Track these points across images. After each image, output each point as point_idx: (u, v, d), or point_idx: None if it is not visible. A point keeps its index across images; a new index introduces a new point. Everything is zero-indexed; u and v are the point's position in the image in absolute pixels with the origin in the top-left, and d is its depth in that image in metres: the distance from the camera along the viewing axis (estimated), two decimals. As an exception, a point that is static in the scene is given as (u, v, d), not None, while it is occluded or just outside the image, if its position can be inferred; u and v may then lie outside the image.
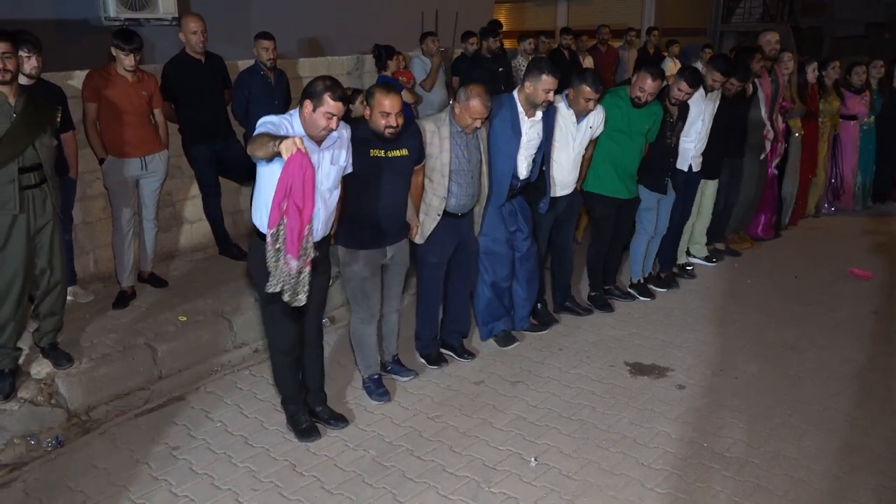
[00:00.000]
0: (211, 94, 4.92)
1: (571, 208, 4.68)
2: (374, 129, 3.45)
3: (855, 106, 7.09)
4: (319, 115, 3.06)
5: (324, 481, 3.21)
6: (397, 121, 3.41)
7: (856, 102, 7.08)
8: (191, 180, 5.30)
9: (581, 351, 4.45)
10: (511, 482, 3.20)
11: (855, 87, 7.05)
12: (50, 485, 3.18)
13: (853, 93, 7.05)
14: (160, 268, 4.99)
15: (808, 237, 6.81)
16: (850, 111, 7.06)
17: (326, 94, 3.03)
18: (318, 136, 3.13)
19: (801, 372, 4.20)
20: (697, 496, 3.12)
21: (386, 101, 3.38)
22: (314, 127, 3.09)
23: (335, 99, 3.05)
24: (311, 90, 3.07)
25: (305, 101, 3.07)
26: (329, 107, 3.04)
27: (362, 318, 3.78)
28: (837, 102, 6.94)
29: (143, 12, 4.76)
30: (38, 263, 3.57)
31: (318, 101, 3.04)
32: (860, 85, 7.07)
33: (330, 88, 3.04)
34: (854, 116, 7.14)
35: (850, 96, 7.05)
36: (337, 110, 3.07)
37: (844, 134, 7.14)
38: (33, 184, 3.42)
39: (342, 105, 3.08)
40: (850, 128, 7.17)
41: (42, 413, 3.56)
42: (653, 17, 14.99)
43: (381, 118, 3.40)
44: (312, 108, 3.06)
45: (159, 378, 4.00)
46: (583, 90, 4.22)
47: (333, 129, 3.12)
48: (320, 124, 3.07)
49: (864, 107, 7.15)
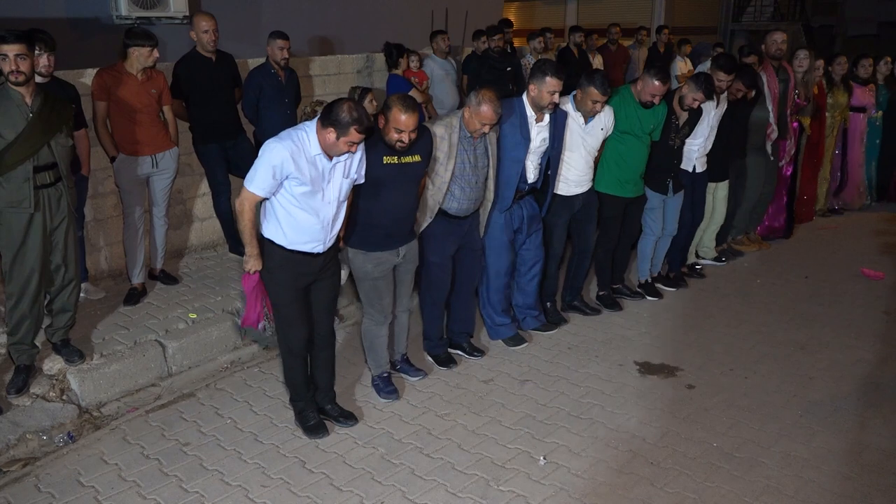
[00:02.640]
0: (221, 92, 4.94)
1: (588, 208, 4.66)
2: (385, 139, 3.43)
3: (863, 97, 7.15)
4: (342, 143, 3.04)
5: (333, 478, 3.22)
6: (410, 137, 3.39)
7: (863, 93, 7.14)
8: (201, 178, 5.33)
9: (590, 350, 4.44)
10: (520, 480, 3.21)
11: (861, 79, 7.11)
12: (61, 480, 3.20)
13: (859, 84, 7.11)
14: (171, 265, 5.02)
15: (818, 237, 6.77)
16: (859, 102, 7.12)
17: (353, 128, 2.99)
18: (334, 155, 3.15)
19: (812, 372, 4.18)
20: (706, 496, 3.11)
21: (403, 117, 3.32)
22: (333, 150, 3.09)
23: (361, 132, 3.02)
24: (336, 119, 2.99)
25: (329, 128, 3.02)
26: (353, 138, 3.03)
27: (375, 320, 3.79)
28: (845, 97, 6.98)
29: (154, 11, 4.79)
30: (54, 260, 3.61)
31: (344, 132, 3.00)
32: (866, 77, 7.14)
33: (357, 122, 2.99)
34: (863, 108, 7.19)
35: (858, 88, 7.11)
36: (360, 140, 3.07)
37: (853, 126, 7.20)
38: (48, 182, 3.45)
39: (367, 136, 3.08)
40: (859, 120, 7.23)
41: (54, 409, 3.59)
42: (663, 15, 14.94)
43: (395, 133, 3.36)
44: (336, 137, 3.02)
45: (170, 375, 4.03)
46: (591, 92, 4.21)
47: (353, 153, 3.13)
48: (341, 149, 3.07)
49: (871, 97, 7.21)
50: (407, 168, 3.55)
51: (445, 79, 6.68)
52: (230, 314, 4.41)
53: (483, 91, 3.72)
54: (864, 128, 7.29)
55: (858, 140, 7.31)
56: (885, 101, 7.36)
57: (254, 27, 5.63)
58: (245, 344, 4.35)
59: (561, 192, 4.47)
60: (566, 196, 4.49)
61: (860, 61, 7.09)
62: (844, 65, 6.91)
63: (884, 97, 7.35)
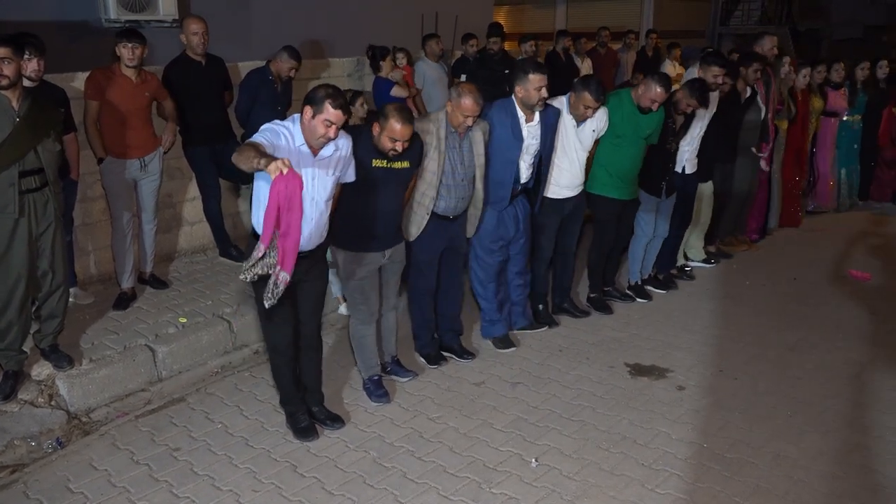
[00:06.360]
0: (211, 96, 4.93)
1: (577, 211, 4.68)
2: (378, 145, 3.45)
3: (836, 101, 7.28)
4: (318, 122, 3.05)
5: (325, 482, 3.21)
6: (403, 146, 3.43)
7: (836, 98, 7.28)
8: (191, 182, 5.31)
9: (581, 352, 4.45)
10: (512, 483, 3.21)
11: (834, 84, 7.25)
12: (50, 486, 3.17)
13: (832, 88, 7.25)
14: (160, 269, 4.99)
15: (805, 239, 6.83)
16: (831, 107, 7.27)
17: (327, 102, 3.03)
18: (317, 144, 3.14)
19: (801, 373, 4.21)
20: (697, 497, 3.12)
21: (399, 127, 3.36)
22: (313, 134, 3.09)
23: (335, 107, 3.04)
24: (313, 96, 3.07)
25: (306, 107, 3.08)
26: (329, 114, 3.04)
27: (362, 319, 3.80)
28: (821, 102, 7.13)
29: (143, 14, 4.75)
30: (41, 266, 3.58)
31: (319, 107, 3.04)
32: (839, 81, 7.28)
33: (331, 96, 3.04)
34: (835, 113, 7.34)
35: (831, 92, 7.25)
36: (336, 118, 3.06)
37: (823, 130, 7.35)
38: (34, 187, 3.42)
39: (342, 113, 3.08)
40: (830, 125, 7.37)
41: (42, 415, 3.56)
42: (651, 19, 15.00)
43: (389, 142, 3.41)
44: (312, 115, 3.06)
45: (160, 379, 4.01)
46: (584, 97, 4.22)
47: (332, 137, 3.12)
48: (319, 131, 3.07)
49: (843, 101, 7.35)
50: (395, 172, 3.57)
51: (438, 82, 6.69)
52: (221, 318, 4.39)
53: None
54: (836, 131, 7.45)
55: (829, 143, 7.47)
56: (863, 105, 7.53)
57: (244, 31, 5.61)
58: (235, 348, 4.34)
59: (552, 196, 4.48)
60: (557, 199, 4.50)
61: (833, 66, 7.26)
62: (823, 72, 7.08)
63: (860, 101, 7.51)
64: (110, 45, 4.36)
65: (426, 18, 7.26)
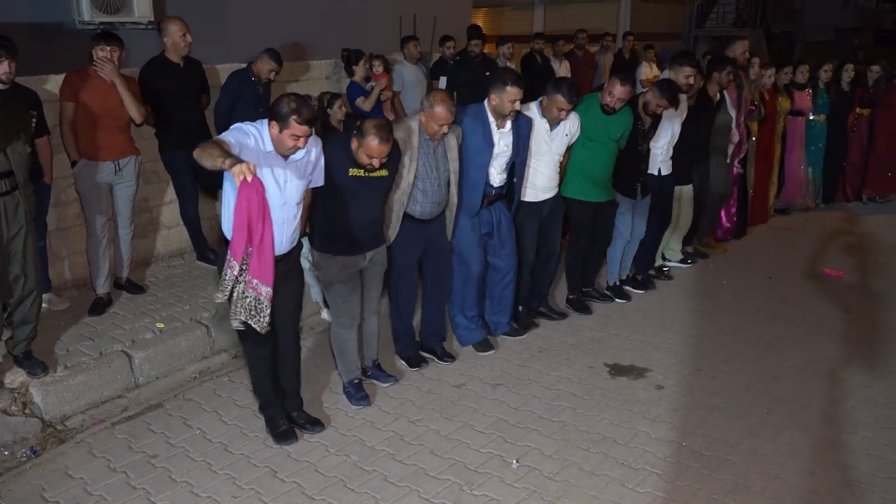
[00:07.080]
0: (189, 98, 4.87)
1: (555, 212, 4.70)
2: (355, 157, 3.44)
3: (801, 101, 7.48)
4: (286, 136, 3.04)
5: (305, 487, 3.19)
6: (380, 162, 3.43)
7: (801, 98, 7.47)
8: (167, 185, 5.25)
9: (561, 353, 4.47)
10: (493, 484, 3.21)
11: (799, 85, 7.45)
12: (24, 496, 3.12)
13: (797, 89, 7.44)
14: (137, 274, 4.93)
15: (779, 238, 6.93)
16: (797, 106, 7.46)
17: (293, 118, 3.00)
18: (287, 154, 3.13)
19: (778, 370, 4.27)
20: (677, 495, 3.15)
21: (376, 145, 3.34)
22: (282, 146, 3.09)
23: (301, 122, 3.02)
24: (277, 111, 3.03)
25: (272, 122, 3.05)
26: (295, 129, 3.02)
27: (343, 323, 3.78)
28: (788, 102, 7.30)
29: (118, 16, 4.69)
30: (12, 271, 3.51)
31: (285, 123, 3.02)
32: (804, 82, 7.49)
33: (296, 112, 3.00)
34: (800, 112, 7.53)
35: (796, 93, 7.43)
36: (303, 133, 3.05)
37: (792, 129, 7.52)
38: (4, 191, 3.36)
39: (308, 128, 3.06)
40: (798, 123, 7.55)
41: (16, 423, 3.50)
42: (628, 22, 15.15)
43: (366, 158, 3.39)
44: (279, 130, 3.04)
45: (136, 386, 3.96)
46: (557, 100, 4.24)
47: (301, 148, 3.11)
48: (287, 144, 3.07)
49: (808, 101, 7.54)
50: (372, 181, 3.56)
51: (417, 85, 6.67)
52: (198, 323, 4.35)
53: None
54: (803, 131, 7.63)
55: (798, 142, 7.64)
56: (826, 105, 7.72)
57: (221, 32, 5.56)
58: (214, 353, 4.30)
59: (529, 199, 4.50)
60: (534, 202, 4.52)
61: (799, 67, 7.46)
62: (789, 73, 7.28)
63: (824, 101, 7.70)
64: (84, 48, 4.30)
65: (404, 20, 7.26)
